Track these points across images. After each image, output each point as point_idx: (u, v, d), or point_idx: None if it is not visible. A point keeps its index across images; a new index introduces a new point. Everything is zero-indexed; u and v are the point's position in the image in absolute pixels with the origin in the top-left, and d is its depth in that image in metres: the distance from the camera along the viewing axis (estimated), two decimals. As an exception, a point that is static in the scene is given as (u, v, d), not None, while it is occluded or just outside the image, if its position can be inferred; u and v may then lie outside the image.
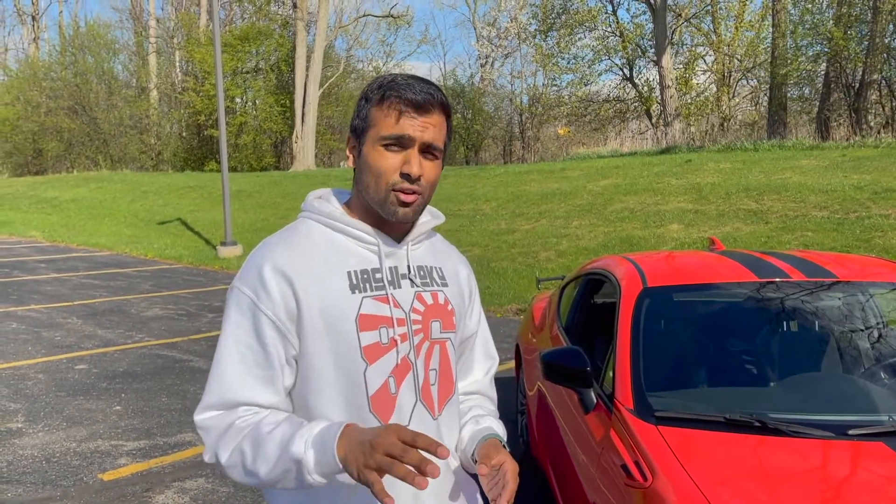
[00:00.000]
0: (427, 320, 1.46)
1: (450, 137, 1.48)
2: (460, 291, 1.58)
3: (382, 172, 1.38)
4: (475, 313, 1.65)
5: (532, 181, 17.13)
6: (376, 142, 1.39)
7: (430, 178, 1.41)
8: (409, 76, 1.42)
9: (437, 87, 1.42)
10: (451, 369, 1.51)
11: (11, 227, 20.63)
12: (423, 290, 1.47)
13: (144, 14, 43.51)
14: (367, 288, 1.40)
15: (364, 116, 1.42)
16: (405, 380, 1.42)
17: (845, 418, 2.30)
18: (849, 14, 19.34)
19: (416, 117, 1.37)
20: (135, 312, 9.04)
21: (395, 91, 1.38)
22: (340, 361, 1.37)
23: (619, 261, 3.41)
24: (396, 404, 1.40)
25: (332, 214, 1.45)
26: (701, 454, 2.13)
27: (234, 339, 1.37)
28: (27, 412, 5.29)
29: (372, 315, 1.39)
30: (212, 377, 1.38)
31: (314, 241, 1.43)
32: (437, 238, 1.63)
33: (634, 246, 11.01)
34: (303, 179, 23.68)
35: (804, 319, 2.87)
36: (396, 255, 1.47)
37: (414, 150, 1.38)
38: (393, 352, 1.40)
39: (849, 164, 13.01)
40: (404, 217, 1.40)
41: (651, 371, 2.58)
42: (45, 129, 36.46)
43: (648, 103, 27.75)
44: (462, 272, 1.62)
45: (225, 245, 14.66)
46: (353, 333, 1.36)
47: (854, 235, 9.60)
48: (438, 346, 1.48)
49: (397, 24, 37.31)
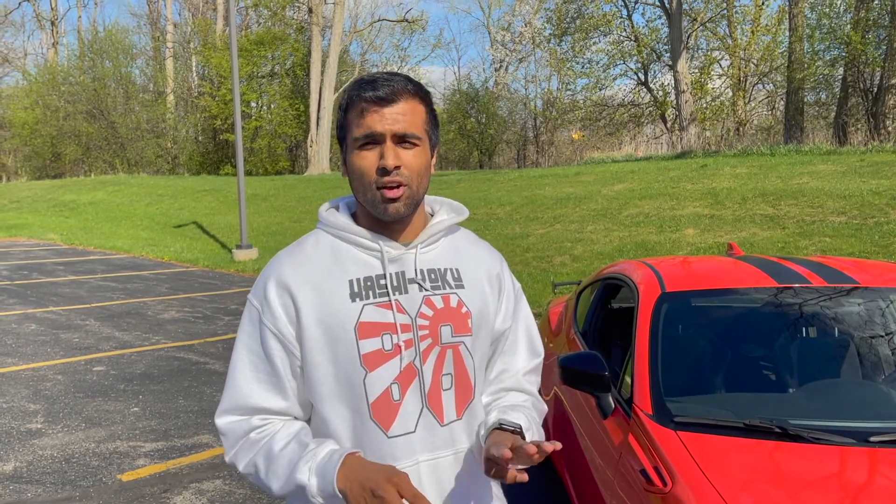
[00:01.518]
0: (436, 325, 1.43)
1: (435, 123, 1.46)
2: (482, 291, 1.52)
3: (363, 173, 1.38)
4: (505, 309, 1.58)
5: (546, 185, 17.10)
6: (352, 146, 1.40)
7: (412, 165, 1.38)
8: (375, 74, 1.42)
9: (403, 76, 1.41)
10: (469, 374, 1.47)
11: (30, 230, 20.84)
12: (432, 294, 1.45)
13: (162, 19, 43.92)
14: (370, 295, 1.40)
15: (341, 125, 1.44)
16: (410, 386, 1.40)
17: (866, 425, 2.28)
18: (867, 18, 19.19)
19: (380, 110, 1.36)
20: (151, 315, 9.11)
21: (356, 91, 1.40)
22: (340, 370, 1.38)
23: (637, 265, 3.41)
24: (400, 411, 1.39)
25: (338, 224, 1.46)
26: (721, 460, 2.13)
27: (245, 348, 1.44)
28: (47, 413, 5.35)
29: (373, 322, 1.38)
30: (227, 383, 1.45)
31: (320, 251, 1.45)
32: (460, 235, 1.58)
33: (650, 251, 10.96)
34: (317, 183, 23.77)
35: (824, 325, 2.86)
36: (403, 260, 1.45)
37: (387, 143, 1.37)
38: (396, 358, 1.39)
39: (867, 169, 12.89)
40: (395, 213, 1.39)
41: (670, 376, 2.57)
42: (63, 133, 36.86)
43: (663, 108, 27.65)
44: (489, 270, 1.56)
45: (240, 248, 14.74)
46: (352, 341, 1.37)
47: (872, 241, 9.51)
48: (451, 350, 1.44)
49: (412, 28, 37.41)
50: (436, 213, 1.55)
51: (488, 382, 1.58)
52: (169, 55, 40.24)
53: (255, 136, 33.77)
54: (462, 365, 1.46)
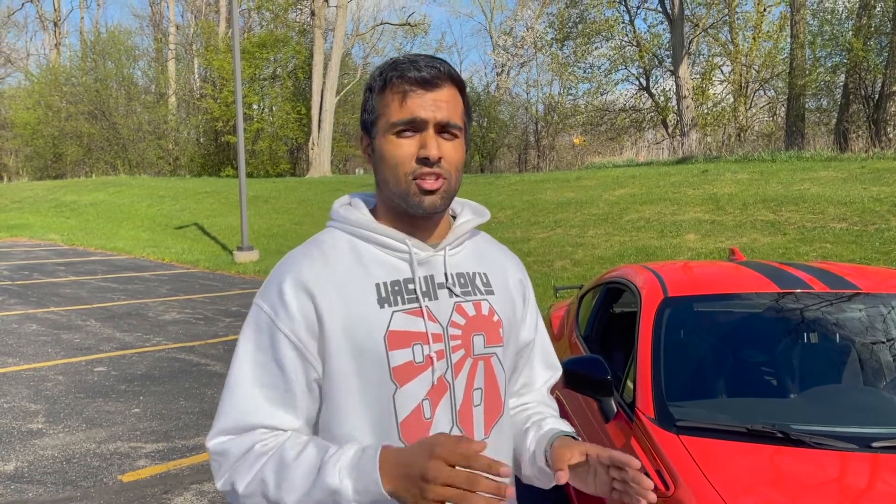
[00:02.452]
0: (468, 334, 1.30)
1: (469, 114, 1.33)
2: (510, 299, 1.41)
3: (399, 162, 1.24)
4: (530, 319, 1.48)
5: (547, 190, 17.12)
6: (387, 131, 1.26)
7: (453, 159, 1.26)
8: (412, 54, 1.28)
9: (444, 61, 1.28)
10: (499, 388, 1.35)
11: (31, 231, 20.86)
12: (463, 301, 1.32)
13: (164, 21, 44.04)
14: (399, 301, 1.26)
15: (371, 108, 1.29)
16: (441, 402, 1.26)
17: (869, 430, 2.28)
18: (868, 25, 19.23)
19: (425, 94, 1.24)
20: (152, 316, 9.11)
21: (396, 72, 1.25)
22: (367, 384, 1.23)
23: (640, 270, 3.41)
24: (431, 430, 1.25)
25: (358, 221, 1.31)
26: (723, 464, 2.13)
27: (250, 359, 1.24)
28: (47, 413, 5.35)
29: (403, 331, 1.24)
30: (225, 399, 1.24)
31: (339, 252, 1.29)
32: (481, 238, 1.47)
33: (651, 256, 10.97)
34: (319, 185, 23.80)
35: (826, 330, 2.86)
36: (432, 263, 1.31)
37: (429, 131, 1.24)
38: (428, 371, 1.25)
39: (868, 175, 12.91)
40: (432, 206, 1.25)
41: (672, 380, 2.58)
42: (65, 133, 36.93)
43: (665, 113, 27.68)
44: (513, 276, 1.45)
45: (241, 250, 14.76)
46: (382, 352, 1.22)
47: (873, 248, 9.52)
48: (483, 362, 1.32)
49: (414, 32, 37.48)
50: (458, 213, 1.42)
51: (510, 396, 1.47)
52: (171, 57, 40.32)
53: (256, 138, 33.81)
54: (493, 378, 1.33)
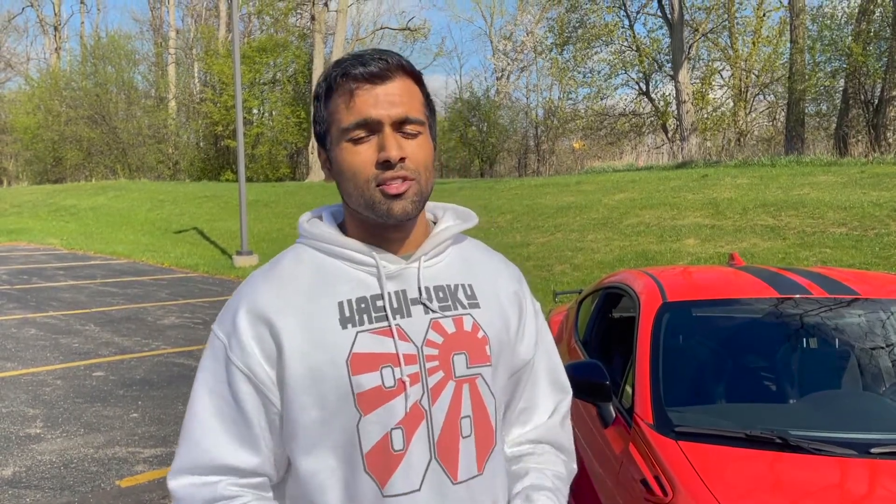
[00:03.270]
0: (447, 354, 1.16)
1: (431, 107, 1.21)
2: (502, 311, 1.26)
3: (357, 171, 1.13)
4: (528, 334, 1.31)
5: (547, 194, 17.14)
6: (340, 139, 1.15)
7: (419, 157, 1.14)
8: (358, 51, 1.17)
9: (394, 52, 1.17)
10: (489, 415, 1.20)
11: (30, 235, 20.86)
12: (441, 317, 1.18)
13: (164, 25, 44.14)
14: (365, 320, 1.14)
15: (321, 118, 1.18)
16: (416, 432, 1.13)
17: (867, 436, 2.28)
18: (868, 30, 19.26)
19: (373, 89, 1.12)
20: (151, 320, 9.11)
21: (339, 70, 1.15)
22: (329, 413, 1.12)
23: (638, 275, 3.41)
24: (403, 464, 1.12)
25: (322, 236, 1.20)
26: (721, 470, 2.13)
27: (207, 391, 1.16)
28: (46, 418, 5.34)
29: (369, 353, 1.12)
30: (184, 433, 1.16)
31: (302, 270, 1.19)
32: (469, 245, 1.32)
33: (650, 260, 10.97)
34: (319, 190, 23.82)
35: (825, 336, 2.86)
36: (404, 276, 1.18)
37: (385, 131, 1.12)
38: (400, 397, 1.12)
39: (867, 180, 12.92)
40: (403, 212, 1.13)
41: (671, 386, 2.58)
42: (65, 137, 36.96)
43: (665, 118, 27.72)
44: (507, 286, 1.30)
45: (241, 254, 14.75)
46: (345, 378, 1.11)
47: (873, 252, 9.52)
48: (467, 385, 1.17)
49: (414, 37, 37.55)
50: (439, 219, 1.29)
51: (509, 424, 1.31)
52: (171, 61, 40.39)
53: (256, 142, 33.86)
54: (481, 404, 1.19)
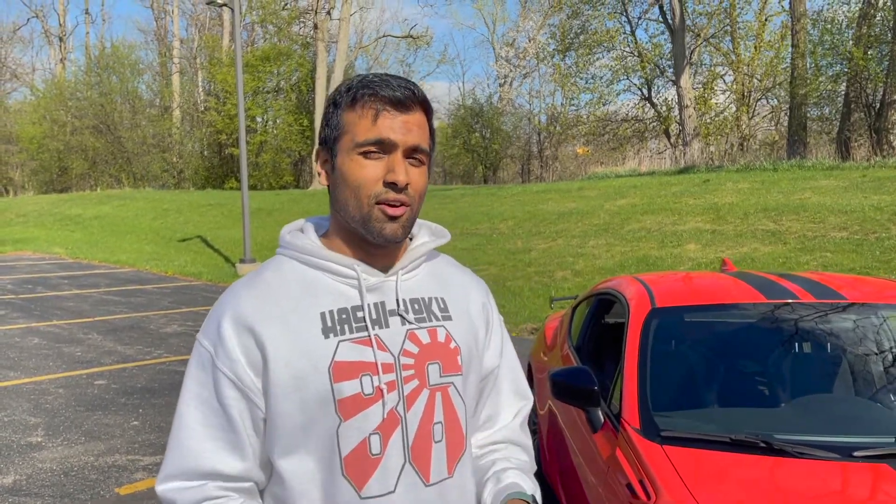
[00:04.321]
0: (422, 363, 1.24)
1: (433, 141, 1.29)
2: (470, 324, 1.34)
3: (362, 184, 1.19)
4: (494, 345, 1.40)
5: (549, 200, 17.16)
6: (352, 150, 1.20)
7: (419, 186, 1.22)
8: (382, 74, 1.24)
9: (416, 84, 1.24)
10: (460, 421, 1.28)
11: (36, 244, 20.97)
12: (417, 328, 1.25)
13: (169, 35, 44.38)
14: (346, 330, 1.20)
15: (335, 124, 1.23)
16: (392, 437, 1.20)
17: (851, 440, 2.30)
18: (869, 34, 19.27)
19: (397, 115, 1.20)
20: (154, 329, 9.16)
21: (368, 89, 1.20)
22: (311, 418, 1.18)
23: (630, 281, 3.44)
24: (379, 467, 1.20)
25: (304, 248, 1.26)
26: (705, 474, 2.15)
27: (194, 399, 1.21)
28: (47, 426, 5.38)
29: (350, 362, 1.19)
30: (171, 441, 1.22)
31: (284, 281, 1.24)
32: (441, 261, 1.40)
33: (651, 266, 10.98)
34: (321, 197, 23.88)
35: (812, 341, 2.88)
36: (383, 289, 1.26)
37: (397, 155, 1.19)
38: (378, 404, 1.19)
39: (869, 184, 12.92)
40: (392, 235, 1.21)
41: (658, 391, 2.60)
42: (70, 147, 37.15)
43: (667, 123, 27.74)
44: (476, 300, 1.38)
45: (244, 262, 14.81)
46: (326, 385, 1.17)
47: (874, 257, 9.52)
48: (440, 393, 1.25)
49: (417, 44, 37.72)
50: (415, 235, 1.36)
51: (475, 429, 1.40)
52: (175, 70, 40.62)
53: (259, 150, 33.98)
54: (452, 411, 1.27)
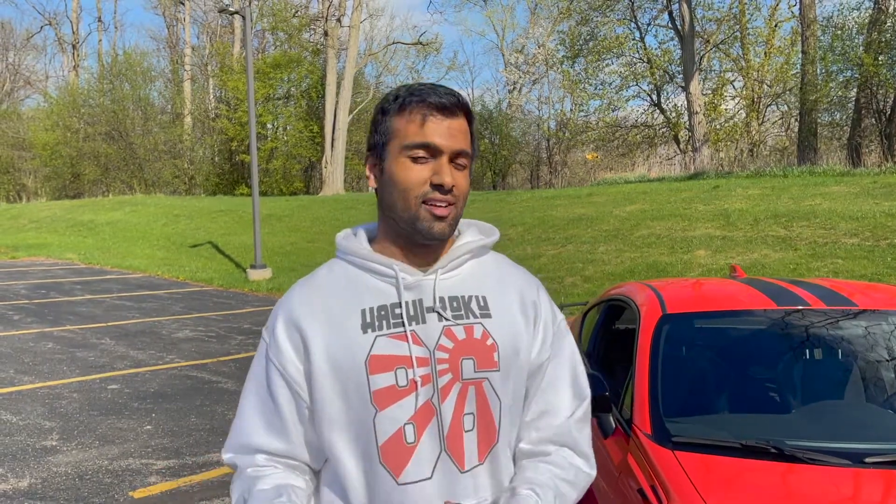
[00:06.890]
0: (456, 358, 1.29)
1: (475, 146, 1.36)
2: (512, 321, 1.36)
3: (411, 185, 1.28)
4: (542, 340, 1.39)
5: (559, 206, 17.16)
6: (400, 153, 1.29)
7: (463, 189, 1.31)
8: (428, 83, 1.33)
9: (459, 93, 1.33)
10: (493, 414, 1.32)
11: (49, 250, 21.13)
12: (453, 325, 1.31)
13: (180, 43, 44.69)
14: (384, 325, 1.29)
15: (384, 130, 1.32)
16: (427, 427, 1.28)
17: (862, 446, 2.31)
18: (879, 40, 19.20)
19: (443, 120, 1.28)
20: (166, 334, 9.22)
21: (416, 96, 1.29)
22: (350, 407, 1.28)
23: (640, 287, 3.46)
24: (415, 455, 1.27)
25: (353, 250, 1.36)
26: (717, 479, 2.16)
27: (254, 383, 1.37)
28: (62, 430, 5.43)
29: (386, 355, 1.27)
30: (235, 419, 1.40)
31: (334, 280, 1.36)
32: (490, 258, 1.45)
33: (661, 272, 10.96)
34: (332, 203, 23.97)
35: (823, 347, 2.89)
36: (422, 287, 1.32)
37: (443, 158, 1.28)
38: (412, 396, 1.27)
39: (880, 190, 12.86)
40: (440, 233, 1.29)
41: (669, 396, 2.62)
42: (82, 153, 37.40)
43: (676, 129, 27.69)
44: (523, 297, 1.40)
45: (255, 268, 14.88)
46: (363, 376, 1.27)
47: (885, 263, 9.47)
48: (473, 387, 1.30)
49: (426, 51, 37.77)
50: (462, 234, 1.42)
51: (527, 425, 1.39)
52: (187, 78, 40.87)
53: (270, 157, 34.13)
54: (486, 404, 1.31)
